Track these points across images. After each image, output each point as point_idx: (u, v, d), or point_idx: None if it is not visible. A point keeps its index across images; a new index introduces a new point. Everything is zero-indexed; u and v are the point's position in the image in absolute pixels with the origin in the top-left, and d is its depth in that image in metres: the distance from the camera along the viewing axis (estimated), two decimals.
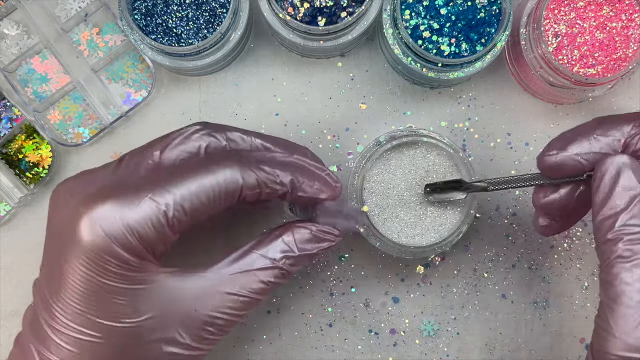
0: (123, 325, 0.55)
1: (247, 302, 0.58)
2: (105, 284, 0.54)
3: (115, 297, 0.54)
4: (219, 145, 0.59)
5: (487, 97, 0.72)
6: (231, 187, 0.55)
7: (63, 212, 0.56)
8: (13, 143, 0.70)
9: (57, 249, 0.55)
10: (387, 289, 0.72)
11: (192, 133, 0.59)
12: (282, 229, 0.60)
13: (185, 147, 0.58)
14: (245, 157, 0.57)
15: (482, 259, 0.72)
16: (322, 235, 0.61)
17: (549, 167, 0.57)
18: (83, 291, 0.54)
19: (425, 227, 0.66)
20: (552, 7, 0.65)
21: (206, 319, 0.57)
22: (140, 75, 0.71)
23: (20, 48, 0.70)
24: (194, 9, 0.66)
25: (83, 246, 0.53)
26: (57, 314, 0.55)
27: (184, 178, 0.54)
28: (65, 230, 0.54)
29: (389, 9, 0.65)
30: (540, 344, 0.72)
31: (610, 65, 0.65)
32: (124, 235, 0.53)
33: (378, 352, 0.71)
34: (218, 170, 0.55)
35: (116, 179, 0.57)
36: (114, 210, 0.53)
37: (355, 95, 0.72)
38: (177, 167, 0.56)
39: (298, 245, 0.60)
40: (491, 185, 0.62)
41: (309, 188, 0.59)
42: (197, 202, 0.54)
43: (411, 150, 0.66)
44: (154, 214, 0.53)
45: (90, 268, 0.53)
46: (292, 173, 0.58)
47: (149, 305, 0.55)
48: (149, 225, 0.53)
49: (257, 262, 0.58)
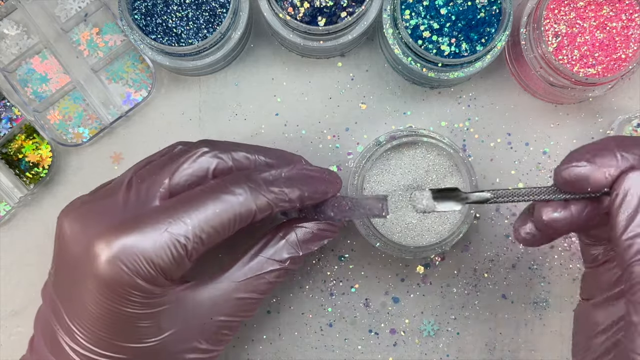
0: (147, 344, 0.57)
1: (256, 302, 0.61)
2: (128, 312, 0.55)
3: (138, 322, 0.56)
4: (225, 166, 0.59)
5: (487, 97, 0.72)
6: (245, 215, 0.56)
7: (78, 245, 0.56)
8: (13, 143, 0.70)
9: (74, 277, 0.56)
10: (387, 289, 0.72)
11: (199, 156, 0.59)
12: (284, 230, 0.62)
13: (194, 170, 0.58)
14: (254, 181, 0.57)
15: (482, 259, 0.72)
16: (323, 233, 0.63)
17: (573, 179, 0.51)
18: (107, 320, 0.55)
19: (426, 227, 0.66)
20: (552, 7, 0.65)
21: (221, 324, 0.60)
22: (140, 75, 0.71)
23: (20, 48, 0.70)
24: (194, 9, 0.66)
25: (105, 281, 0.54)
26: (80, 338, 0.56)
27: (200, 209, 0.55)
28: (82, 263, 0.55)
29: (389, 9, 0.65)
30: (540, 344, 0.72)
31: (610, 65, 0.65)
32: (146, 269, 0.54)
33: (378, 352, 0.71)
34: (232, 199, 0.56)
35: (129, 210, 0.56)
36: (134, 246, 0.54)
37: (355, 95, 0.72)
38: (191, 195, 0.56)
39: (302, 246, 0.62)
40: (496, 197, 0.56)
41: (316, 195, 0.60)
42: (213, 231, 0.55)
43: (411, 150, 0.66)
44: (174, 247, 0.54)
45: (113, 300, 0.54)
46: (298, 187, 0.59)
47: (171, 322, 0.57)
48: (169, 258, 0.54)
49: (265, 266, 0.61)
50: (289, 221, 0.63)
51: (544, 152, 0.72)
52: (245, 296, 0.60)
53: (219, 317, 0.59)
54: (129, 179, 0.58)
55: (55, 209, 0.71)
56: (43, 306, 0.60)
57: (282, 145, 0.71)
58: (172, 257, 0.54)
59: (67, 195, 0.71)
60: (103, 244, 0.54)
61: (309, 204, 0.61)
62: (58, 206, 0.71)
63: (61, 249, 0.57)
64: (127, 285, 0.54)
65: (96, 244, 0.54)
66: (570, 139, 0.72)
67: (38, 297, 0.71)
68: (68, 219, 0.57)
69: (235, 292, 0.60)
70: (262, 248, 0.61)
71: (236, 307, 0.60)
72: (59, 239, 0.57)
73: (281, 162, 0.62)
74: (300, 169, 0.61)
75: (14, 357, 0.71)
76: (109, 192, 0.58)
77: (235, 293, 0.60)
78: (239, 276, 0.60)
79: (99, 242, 0.54)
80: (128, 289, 0.54)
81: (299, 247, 0.62)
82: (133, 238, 0.54)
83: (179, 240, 0.54)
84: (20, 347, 0.71)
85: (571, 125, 0.72)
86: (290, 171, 0.60)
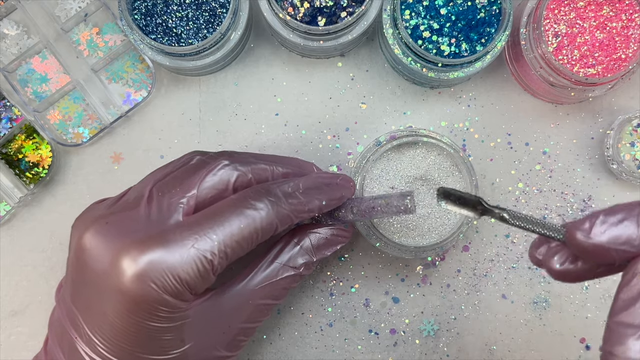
0: (170, 356, 0.57)
1: (271, 307, 0.62)
2: (153, 326, 0.55)
3: (162, 335, 0.56)
4: (245, 179, 0.59)
5: (487, 97, 0.72)
6: (267, 228, 0.57)
7: (100, 259, 0.55)
8: (13, 143, 0.70)
9: (96, 290, 0.55)
10: (387, 289, 0.72)
11: (219, 169, 0.59)
12: (299, 236, 0.63)
13: (214, 184, 0.58)
14: (274, 195, 0.58)
15: (482, 259, 0.72)
16: (336, 238, 0.64)
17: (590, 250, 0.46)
18: (130, 333, 0.55)
19: (426, 227, 0.66)
20: (552, 7, 0.65)
21: (239, 331, 0.60)
22: (140, 75, 0.71)
23: (20, 48, 0.70)
24: (194, 9, 0.66)
25: (132, 296, 0.54)
26: (102, 350, 0.56)
27: (224, 224, 0.56)
28: (106, 278, 0.54)
29: (389, 9, 0.65)
30: (540, 344, 0.72)
31: (610, 65, 0.65)
32: (173, 285, 0.54)
33: (378, 352, 0.71)
34: (254, 214, 0.56)
35: (153, 225, 0.56)
36: (161, 262, 0.54)
37: (355, 95, 0.72)
38: (214, 211, 0.57)
39: (316, 251, 0.63)
40: (511, 219, 0.50)
41: (332, 202, 0.61)
42: (238, 246, 0.56)
43: (411, 150, 0.66)
44: (200, 263, 0.55)
45: (139, 315, 0.54)
46: (315, 196, 0.60)
47: (193, 334, 0.57)
48: (196, 273, 0.55)
49: (280, 272, 0.62)
50: (303, 227, 0.64)
51: (544, 152, 0.72)
52: (262, 302, 0.61)
53: (237, 325, 0.60)
54: (149, 192, 0.58)
55: (55, 209, 0.71)
56: (58, 311, 0.59)
57: (282, 146, 0.71)
58: (198, 272, 0.55)
59: (67, 195, 0.71)
60: (129, 260, 0.54)
61: (326, 211, 0.62)
62: (58, 206, 0.71)
63: (79, 261, 0.56)
64: (154, 300, 0.54)
65: (122, 260, 0.54)
66: (570, 139, 0.72)
67: (38, 297, 0.71)
68: (88, 232, 0.56)
69: (252, 299, 0.61)
70: (278, 255, 0.62)
71: (253, 313, 0.61)
72: (78, 251, 0.56)
73: (296, 171, 0.63)
74: (315, 177, 0.62)
75: (14, 357, 0.71)
76: (129, 205, 0.58)
77: (253, 300, 0.61)
78: (256, 283, 0.61)
79: (125, 258, 0.54)
80: (155, 304, 0.54)
81: (313, 253, 0.63)
82: (159, 254, 0.54)
83: (206, 256, 0.55)
84: (20, 347, 0.71)
85: (571, 125, 0.72)
86: (306, 181, 0.61)
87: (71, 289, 0.57)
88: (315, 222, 0.64)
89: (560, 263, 0.48)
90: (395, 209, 0.60)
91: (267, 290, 0.61)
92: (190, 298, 0.56)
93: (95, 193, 0.71)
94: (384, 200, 0.61)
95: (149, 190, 0.58)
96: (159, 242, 0.54)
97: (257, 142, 0.71)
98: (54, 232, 0.71)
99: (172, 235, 0.55)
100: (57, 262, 0.71)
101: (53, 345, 0.59)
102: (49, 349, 0.59)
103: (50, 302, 0.67)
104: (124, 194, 0.60)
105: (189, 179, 0.58)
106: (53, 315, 0.60)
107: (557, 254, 0.49)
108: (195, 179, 0.58)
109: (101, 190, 0.71)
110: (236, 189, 0.59)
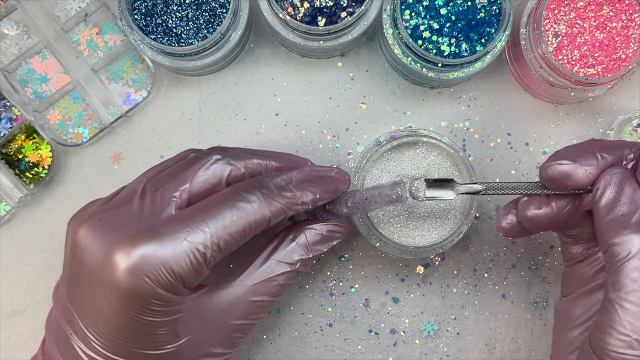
0: (164, 351, 0.57)
1: (268, 305, 0.62)
2: (147, 320, 0.55)
3: (157, 330, 0.56)
4: (238, 173, 0.60)
5: (487, 97, 0.72)
6: (260, 221, 0.57)
7: (94, 254, 0.55)
8: (13, 143, 0.70)
9: (89, 286, 0.56)
10: (387, 289, 0.72)
11: (212, 163, 0.59)
12: (294, 232, 0.63)
13: (207, 178, 0.59)
14: (266, 187, 0.58)
15: (482, 259, 0.72)
16: (332, 234, 0.64)
17: (556, 176, 0.55)
18: (125, 328, 0.55)
19: (426, 227, 0.66)
20: (552, 7, 0.65)
21: (235, 327, 0.60)
22: (140, 75, 0.71)
23: (20, 48, 0.70)
24: (194, 9, 0.66)
25: (125, 291, 0.54)
26: (96, 345, 0.56)
27: (217, 217, 0.56)
28: (99, 273, 0.54)
29: (389, 9, 0.65)
30: (540, 344, 0.72)
31: (610, 65, 0.65)
32: (166, 278, 0.54)
33: (378, 352, 0.71)
34: (247, 206, 0.56)
35: (145, 219, 0.56)
36: (154, 256, 0.54)
37: (355, 95, 0.72)
38: (207, 204, 0.57)
39: (311, 247, 0.63)
40: (486, 189, 0.60)
41: (326, 195, 0.61)
42: (231, 239, 0.56)
43: (411, 150, 0.66)
44: (193, 256, 0.55)
45: (133, 309, 0.54)
46: (309, 189, 0.60)
47: (187, 329, 0.57)
48: (189, 266, 0.55)
49: (276, 269, 0.62)
50: (298, 223, 0.64)
51: (544, 152, 0.72)
52: (258, 299, 0.61)
53: (233, 321, 0.60)
54: (142, 188, 0.58)
55: (55, 209, 0.71)
56: (55, 310, 0.59)
57: (282, 145, 0.71)
58: (191, 265, 0.55)
59: (67, 195, 0.71)
60: (122, 254, 0.54)
61: (320, 205, 0.61)
62: (58, 206, 0.71)
63: (74, 257, 0.57)
64: (148, 294, 0.54)
65: (115, 254, 0.54)
66: (570, 139, 0.72)
67: (38, 297, 0.71)
68: (82, 229, 0.56)
69: (248, 295, 0.61)
70: (273, 251, 0.62)
71: (249, 310, 0.61)
72: (73, 247, 0.57)
73: (290, 166, 0.63)
74: (308, 171, 0.62)
75: (14, 357, 0.71)
76: (122, 201, 0.58)
77: (248, 296, 0.61)
78: (252, 280, 0.61)
79: (118, 252, 0.54)
80: (148, 298, 0.54)
81: (309, 249, 0.63)
82: (152, 247, 0.54)
83: (199, 249, 0.55)
84: (20, 347, 0.71)
85: (571, 125, 0.72)
86: (299, 174, 0.61)
87: (67, 286, 0.58)
88: (311, 218, 0.64)
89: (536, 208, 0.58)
90: (388, 197, 0.60)
91: (263, 286, 0.61)
92: (184, 292, 0.56)
93: (95, 193, 0.71)
94: (377, 190, 0.61)
95: (142, 186, 0.58)
96: (151, 236, 0.54)
97: (257, 142, 0.71)
98: (53, 232, 0.71)
99: (165, 229, 0.55)
100: (57, 262, 0.71)
101: (50, 345, 0.59)
102: (46, 348, 0.59)
103: (50, 302, 0.67)
104: (117, 192, 0.60)
105: (182, 173, 0.59)
106: (50, 315, 0.60)
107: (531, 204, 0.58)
108: (188, 173, 0.58)
109: (101, 190, 0.71)
110: (229, 184, 0.59)
